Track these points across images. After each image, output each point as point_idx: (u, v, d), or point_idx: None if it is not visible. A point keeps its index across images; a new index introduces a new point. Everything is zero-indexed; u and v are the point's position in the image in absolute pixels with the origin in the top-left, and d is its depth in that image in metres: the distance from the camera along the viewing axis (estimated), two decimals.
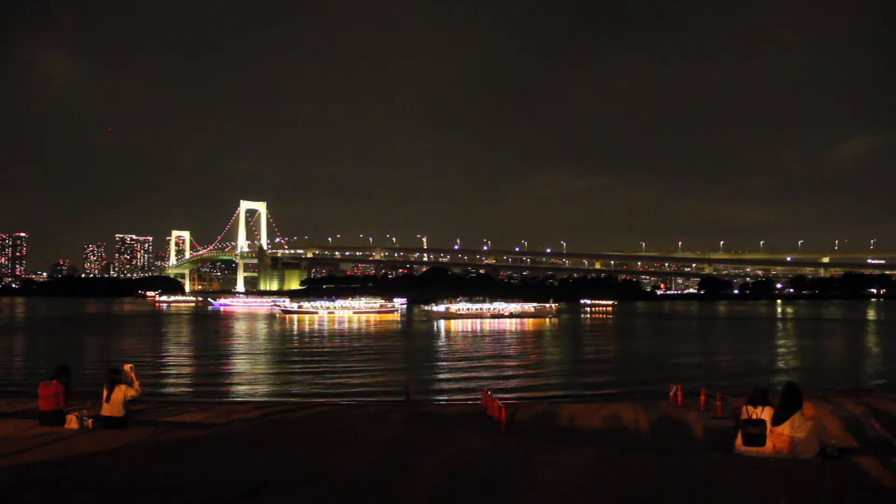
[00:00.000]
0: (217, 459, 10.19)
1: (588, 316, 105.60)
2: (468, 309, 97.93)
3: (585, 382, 29.19)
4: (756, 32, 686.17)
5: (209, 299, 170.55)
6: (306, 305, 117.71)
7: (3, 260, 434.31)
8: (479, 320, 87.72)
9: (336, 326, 76.52)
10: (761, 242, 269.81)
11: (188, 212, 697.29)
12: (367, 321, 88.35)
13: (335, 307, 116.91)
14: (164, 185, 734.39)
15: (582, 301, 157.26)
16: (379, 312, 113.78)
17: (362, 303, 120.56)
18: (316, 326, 76.89)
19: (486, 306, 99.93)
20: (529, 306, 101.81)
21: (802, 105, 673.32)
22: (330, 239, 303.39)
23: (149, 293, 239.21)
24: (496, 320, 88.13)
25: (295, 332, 66.29)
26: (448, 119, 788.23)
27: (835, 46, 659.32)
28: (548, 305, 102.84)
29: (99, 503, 7.73)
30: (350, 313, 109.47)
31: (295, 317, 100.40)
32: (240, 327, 75.20)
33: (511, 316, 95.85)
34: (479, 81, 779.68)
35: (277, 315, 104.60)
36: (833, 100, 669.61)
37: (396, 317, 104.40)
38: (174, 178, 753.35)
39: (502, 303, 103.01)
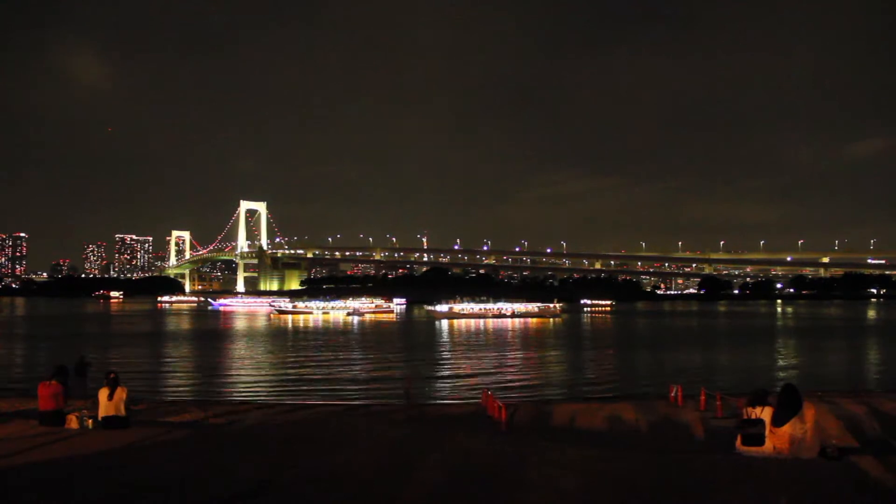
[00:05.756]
0: (217, 459, 10.19)
1: (588, 316, 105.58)
2: (471, 309, 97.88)
3: (586, 382, 29.20)
4: (758, 33, 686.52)
5: (209, 299, 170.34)
6: (301, 305, 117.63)
7: (2, 260, 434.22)
8: (482, 320, 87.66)
9: (332, 326, 76.52)
10: (761, 242, 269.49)
11: (188, 212, 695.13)
12: (363, 321, 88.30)
13: (330, 307, 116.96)
14: (164, 185, 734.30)
15: (582, 301, 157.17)
16: (375, 312, 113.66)
17: (358, 303, 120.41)
18: (311, 326, 76.89)
19: (490, 306, 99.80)
20: (533, 306, 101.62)
21: (804, 106, 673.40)
22: (330, 239, 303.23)
23: (112, 294, 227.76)
24: (499, 320, 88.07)
25: (290, 332, 66.31)
26: (448, 119, 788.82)
27: (837, 48, 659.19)
28: (551, 305, 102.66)
29: (100, 503, 7.73)
30: (345, 314, 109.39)
31: (290, 317, 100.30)
32: (238, 327, 75.20)
33: (514, 316, 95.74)
34: (480, 82, 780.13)
35: (272, 315, 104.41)
36: (835, 101, 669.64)
37: (393, 317, 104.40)
38: (174, 178, 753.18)
39: (505, 303, 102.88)
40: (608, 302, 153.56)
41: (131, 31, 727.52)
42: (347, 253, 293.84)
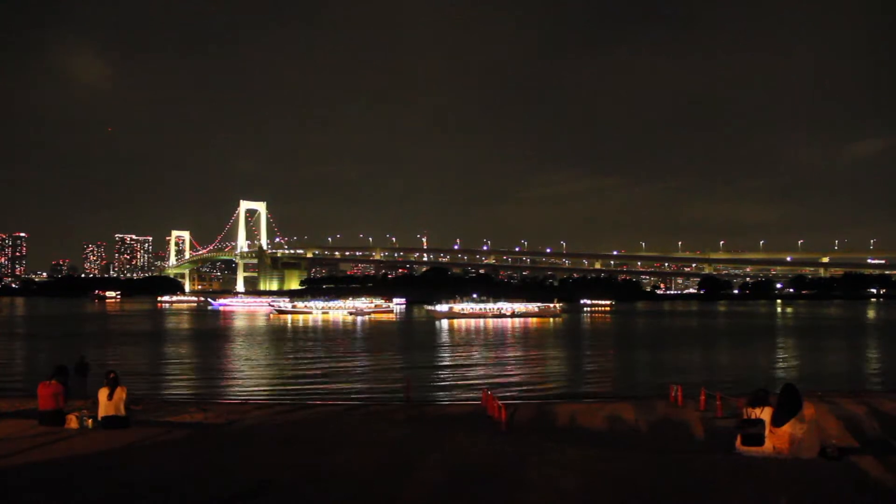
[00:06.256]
0: (217, 459, 10.19)
1: (588, 316, 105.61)
2: (471, 309, 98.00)
3: (586, 382, 29.20)
4: (758, 33, 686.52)
5: (209, 299, 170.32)
6: (300, 305, 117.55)
7: (3, 260, 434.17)
8: (482, 320, 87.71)
9: (332, 326, 76.50)
10: (761, 242, 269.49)
11: (188, 212, 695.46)
12: (365, 321, 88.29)
13: (330, 307, 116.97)
14: (164, 185, 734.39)
15: (582, 301, 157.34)
16: (375, 312, 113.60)
17: (361, 303, 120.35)
18: (311, 326, 76.87)
19: (490, 306, 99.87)
20: (533, 306, 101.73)
21: (804, 106, 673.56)
22: (330, 239, 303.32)
23: (108, 294, 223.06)
24: (500, 320, 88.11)
25: (290, 332, 66.29)
26: (448, 119, 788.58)
27: (838, 49, 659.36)
28: (552, 305, 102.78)
29: (100, 503, 7.73)
30: (345, 313, 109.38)
31: (289, 317, 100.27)
32: (238, 327, 75.19)
33: (514, 316, 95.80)
34: (480, 81, 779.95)
35: (272, 315, 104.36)
36: (835, 101, 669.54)
37: (393, 317, 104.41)
38: (174, 178, 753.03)
39: (506, 303, 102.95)
40: (608, 302, 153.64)
41: (131, 31, 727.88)
42: (347, 253, 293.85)
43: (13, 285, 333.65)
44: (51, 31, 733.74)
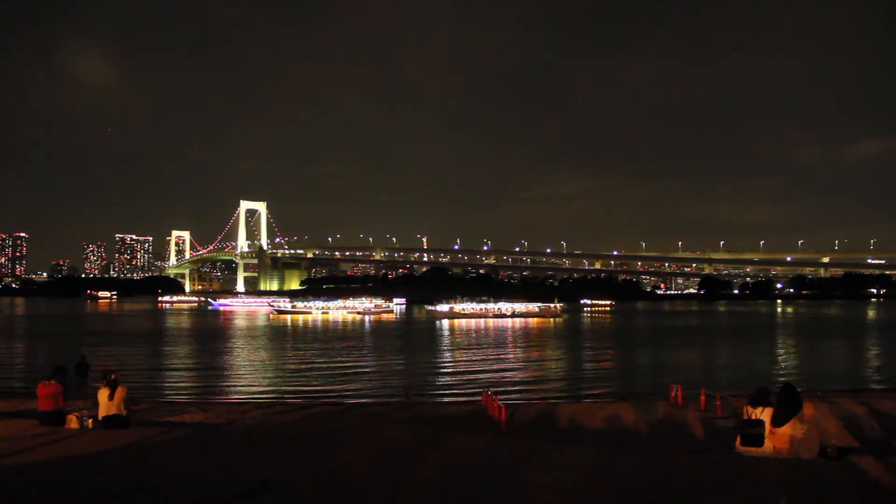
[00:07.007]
0: (217, 459, 10.19)
1: (588, 316, 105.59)
2: (471, 309, 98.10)
3: (586, 382, 29.19)
4: (758, 33, 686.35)
5: (209, 299, 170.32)
6: (300, 305, 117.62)
7: (2, 260, 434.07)
8: (482, 320, 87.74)
9: (332, 326, 76.47)
10: (761, 242, 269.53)
11: (188, 212, 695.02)
12: (362, 322, 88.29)
13: (329, 307, 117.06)
14: (164, 185, 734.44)
15: (582, 301, 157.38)
16: (377, 313, 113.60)
17: (368, 304, 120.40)
18: (310, 326, 76.86)
19: (490, 306, 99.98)
20: (534, 306, 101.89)
21: (804, 106, 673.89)
22: (330, 239, 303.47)
23: (101, 294, 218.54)
24: (500, 320, 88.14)
25: (290, 332, 66.28)
26: (449, 119, 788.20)
27: (839, 49, 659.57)
28: (552, 305, 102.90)
29: (100, 503, 7.73)
30: (344, 313, 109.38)
31: (289, 317, 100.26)
32: (238, 327, 75.18)
33: (514, 316, 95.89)
34: (481, 82, 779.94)
35: (272, 315, 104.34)
36: (835, 102, 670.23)
37: (393, 317, 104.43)
38: (174, 178, 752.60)
39: (505, 303, 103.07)
40: (608, 302, 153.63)
41: (132, 31, 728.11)
42: (347, 253, 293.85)
43: (13, 285, 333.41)
44: (52, 30, 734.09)
